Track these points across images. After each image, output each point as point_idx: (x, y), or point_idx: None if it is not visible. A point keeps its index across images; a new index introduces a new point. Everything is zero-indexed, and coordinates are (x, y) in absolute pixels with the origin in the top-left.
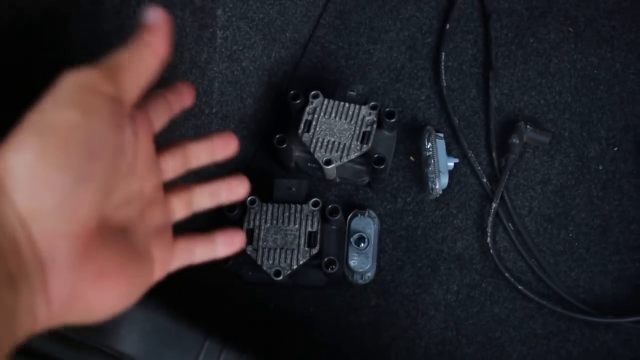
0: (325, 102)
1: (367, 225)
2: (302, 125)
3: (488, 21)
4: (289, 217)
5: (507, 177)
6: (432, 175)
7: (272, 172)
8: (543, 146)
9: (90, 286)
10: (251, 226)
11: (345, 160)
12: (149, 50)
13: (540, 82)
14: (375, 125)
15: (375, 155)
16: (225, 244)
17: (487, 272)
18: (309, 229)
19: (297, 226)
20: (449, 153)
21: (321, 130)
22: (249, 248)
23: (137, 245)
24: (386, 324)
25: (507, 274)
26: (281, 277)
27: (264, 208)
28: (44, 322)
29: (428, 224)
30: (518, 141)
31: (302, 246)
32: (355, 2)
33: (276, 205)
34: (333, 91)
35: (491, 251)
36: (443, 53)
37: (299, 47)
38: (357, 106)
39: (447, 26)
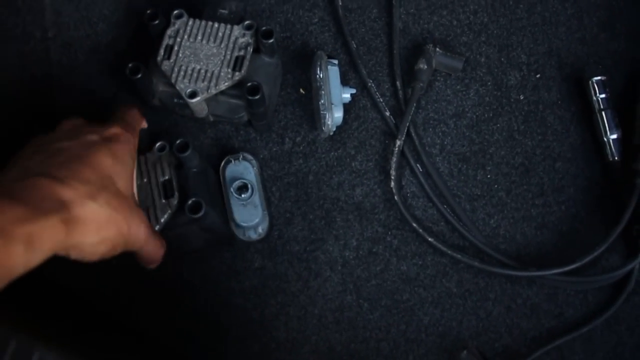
0: (191, 22)
1: (245, 170)
2: (161, 51)
3: None
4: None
5: (413, 109)
6: (323, 110)
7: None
8: (456, 73)
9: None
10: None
11: (214, 91)
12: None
13: (452, 0)
14: (250, 49)
15: (249, 84)
16: None
17: (392, 223)
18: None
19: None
20: (346, 83)
21: (184, 57)
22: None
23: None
24: (273, 288)
25: (415, 225)
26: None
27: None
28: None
29: (321, 167)
30: (426, 67)
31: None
32: None
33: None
34: (202, 10)
35: (396, 198)
36: None
37: None
38: (229, 26)
39: None
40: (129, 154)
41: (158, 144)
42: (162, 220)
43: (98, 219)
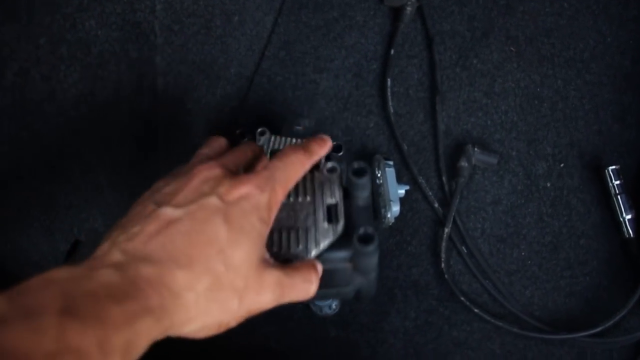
0: (273, 138)
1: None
2: None
3: (431, 44)
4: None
5: (457, 200)
6: (383, 205)
7: None
8: (492, 167)
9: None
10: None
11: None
12: None
13: (486, 103)
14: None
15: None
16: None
17: (443, 297)
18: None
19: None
20: (400, 180)
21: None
22: None
23: None
24: (347, 355)
25: (462, 298)
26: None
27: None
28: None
29: (383, 252)
30: (467, 164)
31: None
32: (299, 32)
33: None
34: (281, 126)
35: (446, 276)
36: (389, 79)
37: (245, 81)
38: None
39: (392, 51)
40: (257, 217)
41: (329, 164)
42: (322, 246)
43: (196, 308)
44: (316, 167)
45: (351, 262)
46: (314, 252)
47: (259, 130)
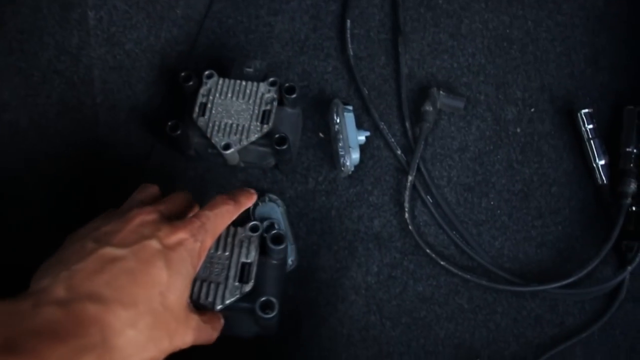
0: (221, 81)
1: (272, 210)
2: (196, 109)
3: None
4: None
5: (421, 147)
6: (342, 152)
7: (173, 163)
8: (458, 112)
9: None
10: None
11: (245, 143)
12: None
13: (452, 45)
14: (275, 103)
15: (277, 135)
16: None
17: (407, 250)
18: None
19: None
20: (360, 126)
21: (217, 113)
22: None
23: None
24: (306, 313)
25: (428, 250)
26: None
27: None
28: None
29: (342, 203)
30: (431, 108)
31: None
32: None
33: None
34: (229, 69)
35: (410, 227)
36: (348, 20)
37: (194, 25)
38: (255, 83)
39: None
40: (191, 264)
41: (251, 224)
42: (227, 302)
43: (136, 345)
44: (240, 223)
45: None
46: (219, 307)
47: (206, 73)
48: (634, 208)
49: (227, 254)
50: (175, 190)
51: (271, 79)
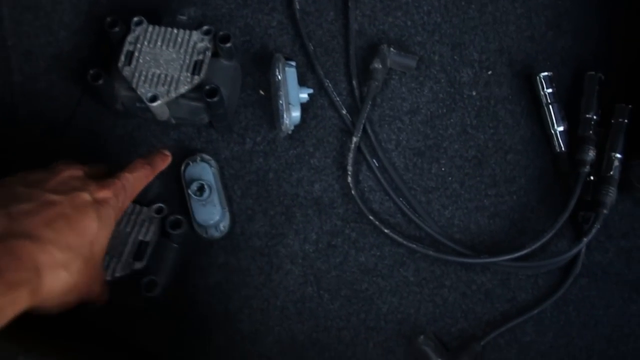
0: (150, 29)
1: (203, 171)
2: (122, 58)
3: None
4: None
5: (368, 106)
6: (281, 110)
7: (100, 119)
8: (410, 71)
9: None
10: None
11: (173, 95)
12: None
13: (407, 1)
14: (209, 53)
15: (207, 87)
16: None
17: (350, 217)
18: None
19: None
20: (304, 84)
21: (145, 62)
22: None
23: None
24: (237, 283)
25: (371, 217)
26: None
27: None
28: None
29: (281, 165)
30: (381, 66)
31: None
32: None
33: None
34: (161, 16)
35: (353, 192)
36: None
37: None
38: (187, 31)
39: None
40: (114, 220)
41: (205, 27)
42: (117, 275)
43: (64, 287)
44: (147, 204)
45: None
46: (108, 278)
47: (135, 19)
48: (592, 177)
49: (128, 230)
50: (104, 149)
51: (205, 27)
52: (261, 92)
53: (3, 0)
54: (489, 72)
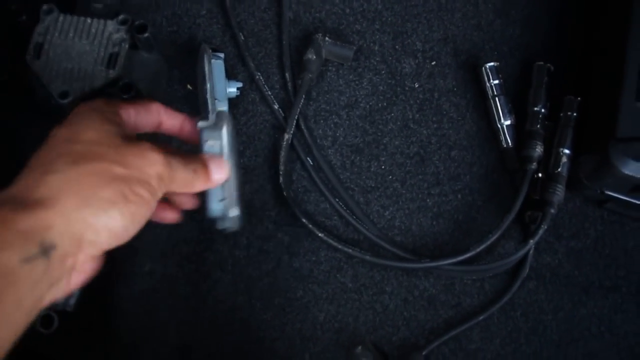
0: (62, 18)
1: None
2: (31, 50)
3: None
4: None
5: (302, 100)
6: (207, 105)
7: (10, 118)
8: (347, 62)
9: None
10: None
11: (87, 90)
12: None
13: None
14: (125, 45)
15: (121, 83)
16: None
17: (282, 219)
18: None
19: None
20: (234, 77)
21: (56, 56)
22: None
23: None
24: (163, 292)
25: (304, 220)
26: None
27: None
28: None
29: None
30: (315, 57)
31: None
32: None
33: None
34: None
35: (285, 193)
36: None
37: None
38: (102, 21)
39: None
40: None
41: (121, 16)
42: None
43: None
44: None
45: None
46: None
47: (44, 7)
48: (539, 175)
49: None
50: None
51: (121, 17)
52: (188, 87)
53: None
54: (433, 63)
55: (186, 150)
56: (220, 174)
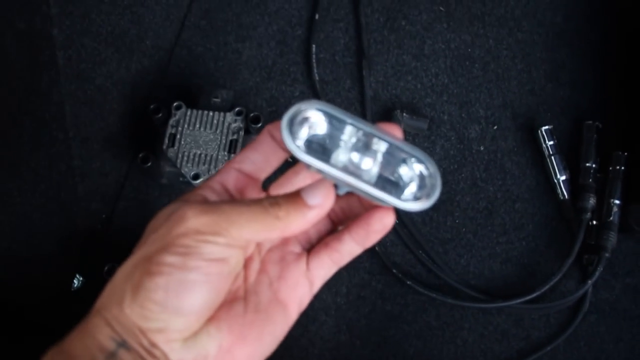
0: (189, 112)
1: None
2: (166, 140)
3: (358, 6)
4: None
5: None
6: None
7: (147, 190)
8: (422, 133)
9: (236, 348)
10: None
11: (213, 172)
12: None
13: (416, 66)
14: (242, 132)
15: None
16: (375, 232)
17: (375, 270)
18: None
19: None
20: None
21: (186, 144)
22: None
23: (261, 303)
24: None
25: (394, 270)
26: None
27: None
28: None
29: None
30: None
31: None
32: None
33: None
34: (197, 99)
35: (376, 248)
36: (314, 45)
37: (164, 54)
38: (222, 114)
39: (317, 16)
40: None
41: (237, 108)
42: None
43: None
44: (228, 109)
45: None
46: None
47: (175, 104)
48: (594, 222)
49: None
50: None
51: (237, 109)
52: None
53: (65, 100)
54: (495, 127)
55: None
56: (318, 199)
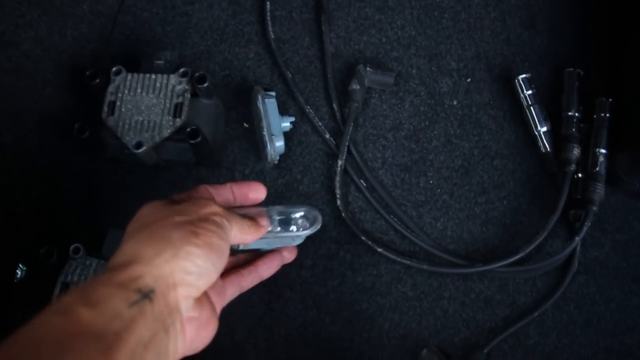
0: (129, 77)
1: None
2: (105, 108)
3: None
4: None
5: (351, 128)
6: (265, 142)
7: (92, 168)
8: (389, 88)
9: (198, 331)
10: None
11: (158, 139)
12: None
13: (380, 19)
14: (188, 95)
15: (188, 129)
16: (267, 269)
17: (343, 239)
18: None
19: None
20: (286, 112)
21: (127, 111)
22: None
23: (211, 302)
24: (239, 315)
25: (364, 238)
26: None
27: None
28: (179, 355)
29: (270, 195)
30: (359, 87)
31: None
32: None
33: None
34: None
35: (343, 215)
36: (268, 2)
37: (106, 20)
38: (165, 76)
39: None
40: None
41: (182, 69)
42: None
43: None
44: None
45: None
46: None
47: (113, 69)
48: (579, 175)
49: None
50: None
51: (182, 70)
52: (245, 125)
53: None
54: (468, 80)
55: None
56: (266, 224)
